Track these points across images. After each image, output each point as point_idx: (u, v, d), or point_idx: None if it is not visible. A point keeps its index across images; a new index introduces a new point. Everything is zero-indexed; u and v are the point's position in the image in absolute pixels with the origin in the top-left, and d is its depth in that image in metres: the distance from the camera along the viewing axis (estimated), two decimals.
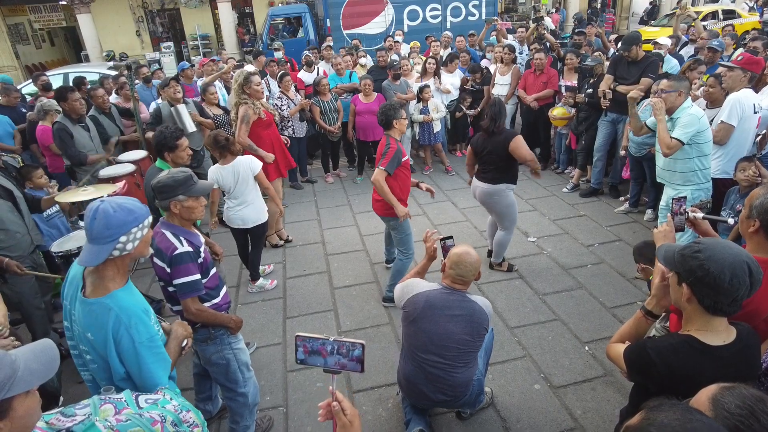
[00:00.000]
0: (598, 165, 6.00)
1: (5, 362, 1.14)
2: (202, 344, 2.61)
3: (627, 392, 3.11)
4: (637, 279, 4.38)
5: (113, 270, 1.83)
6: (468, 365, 2.61)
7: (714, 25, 13.04)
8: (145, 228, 1.87)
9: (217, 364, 2.65)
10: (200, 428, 1.65)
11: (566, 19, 18.51)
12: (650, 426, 1.01)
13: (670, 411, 1.02)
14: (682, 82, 3.74)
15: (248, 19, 20.24)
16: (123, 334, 1.76)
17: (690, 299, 1.60)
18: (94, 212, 1.77)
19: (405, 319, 2.67)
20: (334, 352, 1.28)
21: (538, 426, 2.99)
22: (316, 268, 4.93)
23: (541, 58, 6.51)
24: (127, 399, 1.52)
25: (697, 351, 1.59)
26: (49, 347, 1.29)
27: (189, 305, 2.42)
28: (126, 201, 1.85)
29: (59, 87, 5.44)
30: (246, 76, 4.79)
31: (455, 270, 2.55)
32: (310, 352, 1.30)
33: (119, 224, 1.77)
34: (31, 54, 19.43)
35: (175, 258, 2.35)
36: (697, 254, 1.55)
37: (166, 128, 3.55)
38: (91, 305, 1.79)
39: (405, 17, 12.95)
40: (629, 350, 1.77)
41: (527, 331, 3.82)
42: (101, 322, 1.77)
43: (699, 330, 1.62)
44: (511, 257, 4.84)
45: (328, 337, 1.27)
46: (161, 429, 1.51)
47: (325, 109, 6.60)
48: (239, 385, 2.72)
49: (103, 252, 1.76)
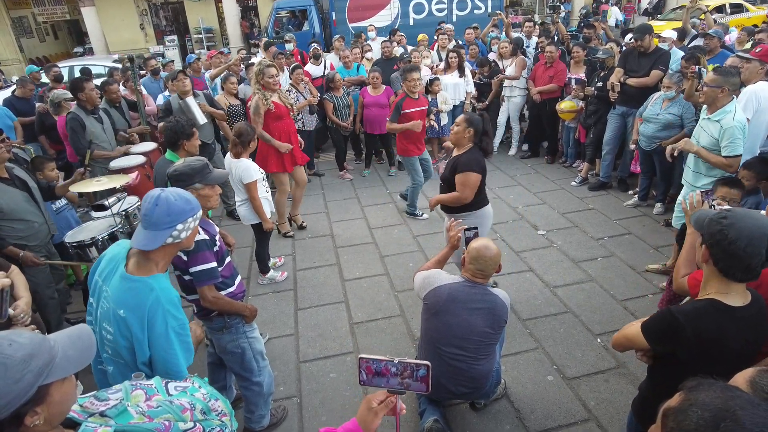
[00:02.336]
0: (607, 158, 5.98)
1: (44, 348, 1.14)
2: (218, 333, 2.62)
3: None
4: (647, 272, 4.38)
5: (161, 256, 1.87)
6: (489, 357, 2.63)
7: (722, 18, 12.96)
8: (197, 220, 1.93)
9: (233, 352, 2.66)
10: (228, 417, 1.65)
11: (572, 13, 18.41)
12: (692, 406, 1.01)
13: (710, 390, 1.02)
14: (730, 78, 3.50)
15: (252, 12, 20.16)
16: (159, 316, 1.77)
17: (707, 260, 1.70)
18: (156, 199, 1.81)
19: (426, 312, 2.66)
20: (398, 374, 1.26)
21: (552, 417, 3.00)
22: (326, 260, 4.93)
23: (552, 50, 6.48)
24: (157, 386, 1.52)
25: (721, 312, 1.66)
26: (86, 334, 1.29)
27: (206, 293, 2.43)
28: (183, 192, 1.93)
29: (74, 78, 5.45)
30: (261, 67, 4.78)
31: (475, 265, 2.55)
32: (375, 373, 1.28)
33: (179, 212, 1.83)
34: (35, 47, 19.42)
35: (195, 244, 2.35)
36: (721, 219, 1.64)
37: (178, 119, 3.55)
38: (134, 282, 1.81)
39: (411, 10, 12.91)
40: (652, 319, 1.80)
41: (539, 323, 3.83)
42: (140, 300, 1.78)
43: (718, 293, 1.69)
44: (520, 250, 4.84)
45: (392, 359, 1.25)
46: (191, 416, 1.51)
47: (338, 105, 6.59)
48: (254, 374, 2.74)
49: (160, 237, 1.81)
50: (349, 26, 12.37)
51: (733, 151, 3.48)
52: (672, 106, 4.76)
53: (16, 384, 1.06)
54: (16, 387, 1.06)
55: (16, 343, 1.10)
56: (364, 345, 3.69)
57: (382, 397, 1.30)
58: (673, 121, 4.75)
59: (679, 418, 1.02)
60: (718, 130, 3.54)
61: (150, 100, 6.55)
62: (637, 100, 5.30)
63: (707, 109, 3.70)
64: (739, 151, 3.48)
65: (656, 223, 5.24)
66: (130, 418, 1.37)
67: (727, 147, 3.49)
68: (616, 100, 5.53)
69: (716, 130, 3.56)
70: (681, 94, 4.73)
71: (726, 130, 3.48)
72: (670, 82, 4.71)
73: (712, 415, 0.98)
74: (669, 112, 4.76)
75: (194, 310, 2.60)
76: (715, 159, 3.57)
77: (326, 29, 14.30)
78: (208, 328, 2.64)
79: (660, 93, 4.85)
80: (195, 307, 2.58)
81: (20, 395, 1.07)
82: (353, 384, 3.33)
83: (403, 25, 12.43)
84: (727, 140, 3.48)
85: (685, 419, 1.01)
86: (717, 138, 3.55)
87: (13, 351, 1.08)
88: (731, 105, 3.54)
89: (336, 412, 3.13)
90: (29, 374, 1.08)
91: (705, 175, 3.76)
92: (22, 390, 1.07)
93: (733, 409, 0.97)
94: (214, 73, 7.02)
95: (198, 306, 2.54)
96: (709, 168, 3.71)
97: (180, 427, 1.44)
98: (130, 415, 1.37)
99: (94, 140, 4.86)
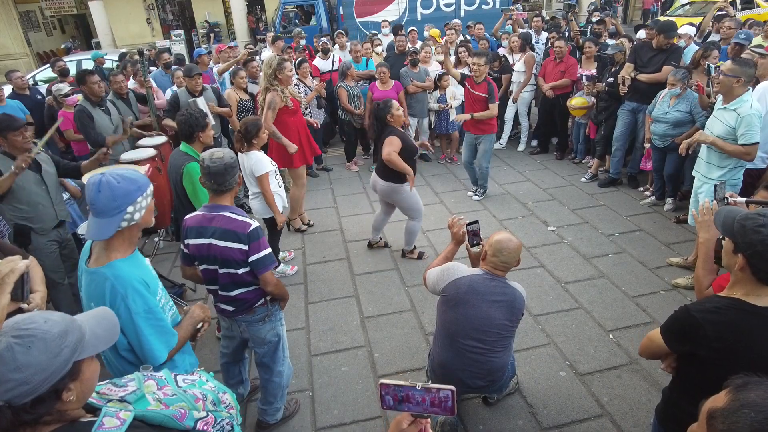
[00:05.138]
0: (617, 155, 5.94)
1: (75, 325, 1.17)
2: (258, 324, 2.64)
3: (653, 380, 3.14)
4: (659, 268, 4.36)
5: (120, 241, 1.82)
6: (505, 349, 2.63)
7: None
8: (149, 197, 1.85)
9: (270, 341, 2.71)
10: (235, 410, 1.68)
11: (580, 9, 18.28)
12: (743, 408, 0.97)
13: (759, 389, 0.99)
14: (747, 68, 3.50)
15: (258, 7, 20.13)
16: (120, 304, 1.77)
17: (744, 269, 1.59)
18: (97, 185, 1.72)
19: (444, 304, 2.66)
20: (424, 400, 1.25)
21: (565, 412, 2.99)
22: (336, 254, 4.93)
23: (561, 46, 6.43)
24: (167, 377, 1.54)
25: (746, 312, 1.59)
26: (109, 314, 1.32)
27: (270, 278, 2.47)
28: (126, 171, 1.81)
29: (78, 71, 5.47)
30: (279, 61, 4.75)
31: (498, 257, 2.54)
32: (400, 400, 1.27)
33: (125, 194, 1.75)
34: (43, 41, 19.48)
35: (252, 233, 2.36)
36: (760, 228, 1.52)
37: (192, 111, 3.54)
38: (92, 274, 1.82)
39: (418, 5, 12.85)
40: (670, 319, 1.75)
41: (550, 319, 3.82)
42: (100, 291, 1.78)
43: (747, 294, 1.62)
44: (531, 246, 4.83)
45: (415, 385, 1.23)
46: (203, 406, 1.54)
47: (351, 95, 6.61)
48: (280, 363, 2.80)
49: (112, 224, 1.74)
50: (356, 21, 12.33)
51: (750, 139, 3.49)
52: (679, 103, 4.71)
53: (56, 358, 1.09)
54: (55, 361, 1.09)
55: (51, 321, 1.13)
56: (375, 339, 3.70)
57: (410, 419, 1.29)
58: (682, 118, 4.71)
59: (729, 420, 0.99)
60: (735, 119, 3.55)
61: (160, 93, 6.55)
62: (647, 96, 5.25)
63: (722, 100, 3.69)
64: (757, 138, 3.49)
65: (667, 219, 5.20)
66: (148, 404, 1.39)
67: (744, 135, 3.50)
68: (625, 94, 5.49)
69: (733, 119, 3.56)
70: (687, 90, 4.68)
71: (744, 118, 3.49)
72: (674, 78, 4.65)
73: (766, 417, 0.95)
74: (677, 109, 4.71)
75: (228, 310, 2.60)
76: (732, 148, 3.57)
77: (333, 24, 14.27)
78: (246, 322, 2.63)
79: (666, 90, 4.80)
80: (232, 306, 2.57)
81: (59, 369, 1.10)
82: (365, 378, 3.34)
83: (411, 20, 12.39)
84: (745, 128, 3.49)
85: (737, 421, 0.97)
86: (733, 126, 3.56)
87: (49, 327, 1.11)
88: (747, 95, 3.54)
89: (348, 405, 3.13)
90: (66, 349, 1.12)
91: (717, 166, 3.77)
92: (61, 364, 1.10)
93: None
94: (223, 68, 7.00)
95: (239, 302, 2.54)
96: (722, 158, 3.70)
97: (195, 416, 1.46)
98: (147, 402, 1.40)
99: (102, 132, 4.88)
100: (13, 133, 3.34)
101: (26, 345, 1.07)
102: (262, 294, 2.59)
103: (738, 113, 3.53)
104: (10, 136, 3.34)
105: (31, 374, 1.06)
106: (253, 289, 2.53)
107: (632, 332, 3.61)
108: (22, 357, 1.05)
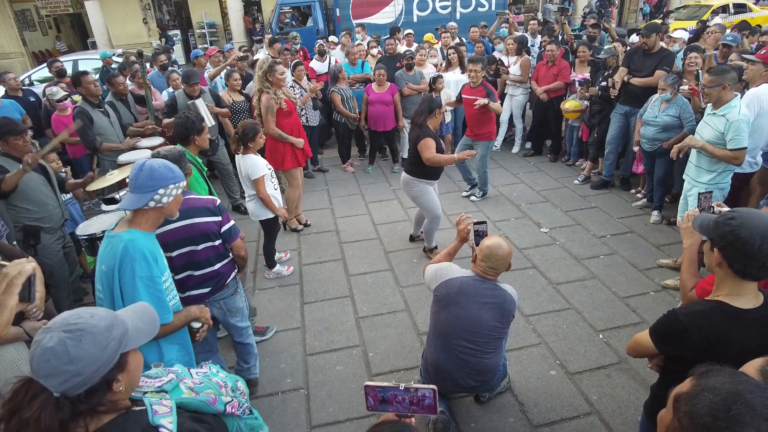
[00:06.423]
0: (609, 157, 6.02)
1: (119, 320, 1.23)
2: (231, 298, 2.94)
3: (641, 379, 3.21)
4: (649, 270, 4.44)
5: (144, 218, 2.05)
6: (497, 351, 2.68)
7: (725, 18, 12.96)
8: (180, 188, 2.10)
9: (240, 308, 3.02)
10: (247, 396, 1.82)
11: (575, 12, 18.42)
12: (703, 391, 1.05)
13: (719, 375, 1.06)
14: (726, 74, 3.59)
15: (254, 8, 20.16)
16: (127, 264, 1.95)
17: (721, 263, 1.67)
18: (141, 165, 2.00)
19: (436, 304, 2.71)
20: (404, 399, 1.30)
21: (555, 410, 3.06)
22: (331, 255, 4.99)
23: (553, 49, 6.51)
24: (182, 371, 1.61)
25: (728, 315, 1.66)
26: (148, 308, 1.39)
27: (241, 243, 2.86)
28: (169, 162, 2.10)
29: (74, 74, 5.51)
30: (271, 64, 4.78)
31: (487, 263, 2.60)
32: (381, 400, 1.32)
33: (161, 177, 2.00)
34: (38, 41, 19.40)
35: (220, 206, 2.73)
36: (729, 221, 1.63)
37: (188, 115, 3.59)
38: (111, 238, 2.03)
39: (414, 7, 12.92)
40: (658, 321, 1.82)
41: (542, 319, 3.89)
42: (113, 251, 1.96)
43: (729, 295, 1.69)
44: (524, 247, 4.90)
45: (398, 386, 1.28)
46: (225, 393, 1.67)
47: (345, 97, 6.65)
48: (246, 321, 3.13)
49: (142, 199, 1.98)
50: (353, 22, 12.38)
51: (738, 144, 3.57)
52: (669, 108, 4.78)
53: (104, 350, 1.16)
54: (104, 353, 1.16)
55: (97, 315, 1.20)
56: (369, 339, 3.75)
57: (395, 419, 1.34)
58: (671, 122, 4.78)
59: (691, 402, 1.06)
60: (724, 124, 3.64)
61: (158, 94, 6.58)
62: (640, 100, 5.32)
63: (712, 105, 3.78)
64: (745, 143, 3.58)
65: (657, 223, 5.28)
66: (181, 393, 1.50)
67: (733, 140, 3.59)
68: (617, 98, 5.57)
69: (722, 124, 3.65)
70: (678, 95, 4.76)
71: (732, 123, 3.58)
72: (665, 84, 4.70)
73: (723, 398, 1.01)
74: (667, 114, 4.79)
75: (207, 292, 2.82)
76: (721, 152, 3.65)
77: (330, 25, 14.32)
78: (221, 299, 2.87)
79: (657, 95, 4.87)
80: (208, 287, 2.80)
81: (108, 361, 1.16)
82: (359, 377, 3.39)
83: (407, 22, 12.46)
84: (733, 133, 3.57)
85: (697, 403, 1.04)
86: (722, 132, 3.65)
87: (96, 321, 1.17)
88: (735, 101, 3.63)
89: (342, 403, 3.19)
90: (113, 341, 1.18)
91: (707, 170, 3.85)
92: (109, 356, 1.17)
93: (743, 392, 1.01)
94: (213, 72, 6.91)
95: (215, 278, 2.79)
96: (712, 163, 3.78)
97: (223, 400, 1.59)
98: (181, 391, 1.51)
99: (101, 134, 4.91)
100: (15, 138, 3.45)
101: (77, 339, 1.12)
102: (233, 268, 2.92)
103: (727, 119, 3.61)
104: (12, 140, 3.46)
105: (83, 366, 1.12)
106: (227, 261, 2.85)
107: (622, 332, 3.68)
108: (74, 350, 1.11)
